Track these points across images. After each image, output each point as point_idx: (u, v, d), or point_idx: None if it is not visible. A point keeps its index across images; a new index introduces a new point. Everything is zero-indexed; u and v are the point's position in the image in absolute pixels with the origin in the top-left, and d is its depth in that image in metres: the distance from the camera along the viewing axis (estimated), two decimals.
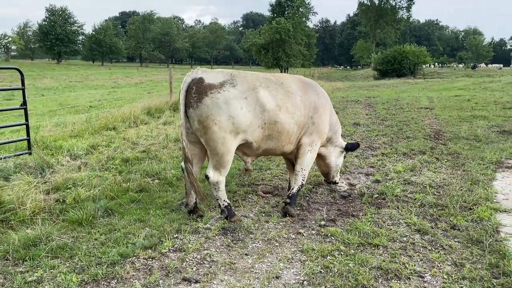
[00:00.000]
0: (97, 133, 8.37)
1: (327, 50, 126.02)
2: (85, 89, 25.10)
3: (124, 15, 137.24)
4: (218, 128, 3.89)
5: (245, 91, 4.03)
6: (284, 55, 56.35)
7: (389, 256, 3.50)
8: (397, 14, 78.32)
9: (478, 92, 20.06)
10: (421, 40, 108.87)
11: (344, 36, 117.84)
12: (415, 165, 6.42)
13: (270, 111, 4.13)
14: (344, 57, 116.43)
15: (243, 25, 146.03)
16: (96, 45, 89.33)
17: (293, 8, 63.18)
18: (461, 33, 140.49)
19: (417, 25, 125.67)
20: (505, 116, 11.52)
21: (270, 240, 3.86)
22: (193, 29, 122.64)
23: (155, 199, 4.90)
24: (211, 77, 3.99)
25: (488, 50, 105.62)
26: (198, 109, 3.88)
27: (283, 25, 54.27)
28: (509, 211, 4.49)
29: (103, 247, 3.66)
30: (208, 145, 4.03)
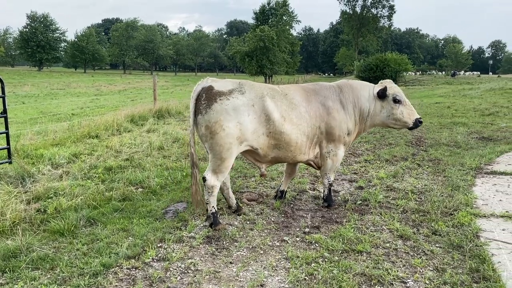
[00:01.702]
0: (79, 141, 8.27)
1: (311, 58, 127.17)
2: (67, 96, 24.78)
3: (107, 22, 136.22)
4: (225, 133, 4.01)
5: (252, 99, 4.16)
6: (268, 63, 56.60)
7: (372, 262, 3.54)
8: (379, 23, 79.67)
9: (457, 99, 20.49)
10: (402, 48, 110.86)
11: (327, 44, 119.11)
12: (397, 171, 6.51)
13: (275, 121, 4.23)
14: (328, 64, 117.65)
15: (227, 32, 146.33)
16: (78, 52, 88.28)
17: (276, 16, 63.61)
18: (441, 41, 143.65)
19: (398, 33, 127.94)
20: (484, 123, 11.80)
21: (254, 248, 3.86)
22: (177, 37, 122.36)
23: (138, 208, 4.86)
24: (220, 85, 4.13)
25: (467, 58, 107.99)
26: (207, 115, 4.01)
27: (267, 33, 54.58)
28: (488, 216, 4.59)
29: (85, 258, 3.61)
30: (212, 150, 4.11)
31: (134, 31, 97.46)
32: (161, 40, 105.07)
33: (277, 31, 57.68)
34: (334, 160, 4.79)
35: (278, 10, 63.89)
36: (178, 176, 6.17)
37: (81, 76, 60.17)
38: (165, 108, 12.74)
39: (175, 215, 4.66)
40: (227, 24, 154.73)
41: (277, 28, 59.63)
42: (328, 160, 4.78)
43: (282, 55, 59.12)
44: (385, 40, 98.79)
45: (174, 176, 6.14)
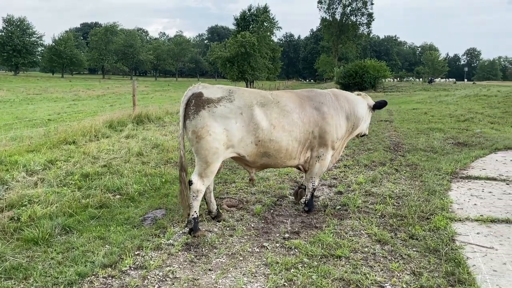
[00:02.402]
0: (56, 148, 8.09)
1: (292, 64, 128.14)
2: (43, 101, 24.27)
3: (86, 26, 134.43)
4: (212, 138, 4.09)
5: (241, 107, 4.21)
6: (249, 68, 56.72)
7: (351, 267, 3.56)
8: (358, 30, 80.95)
9: (434, 106, 20.94)
10: (381, 55, 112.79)
11: (307, 50, 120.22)
12: (375, 176, 6.60)
13: (264, 130, 4.29)
14: (308, 70, 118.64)
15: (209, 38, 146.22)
16: (56, 56, 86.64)
17: (257, 23, 63.87)
18: (418, 48, 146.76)
19: (377, 40, 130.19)
20: (459, 129, 12.08)
21: (234, 255, 3.84)
22: (158, 41, 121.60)
23: (116, 215, 4.77)
24: (210, 92, 4.20)
25: (443, 65, 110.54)
26: (194, 120, 4.09)
27: (248, 38, 54.73)
28: (463, 220, 4.68)
29: (60, 267, 3.52)
30: (198, 154, 4.17)
31: (114, 35, 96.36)
32: (141, 45, 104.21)
33: (258, 37, 57.90)
34: (322, 164, 4.90)
35: (259, 16, 64.16)
36: (157, 182, 6.10)
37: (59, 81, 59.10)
38: (144, 114, 12.60)
39: (154, 222, 4.60)
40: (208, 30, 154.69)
41: (258, 34, 59.86)
42: (317, 164, 4.88)
43: (263, 61, 59.33)
44: (364, 47, 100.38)
45: (153, 183, 6.07)
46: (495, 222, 4.62)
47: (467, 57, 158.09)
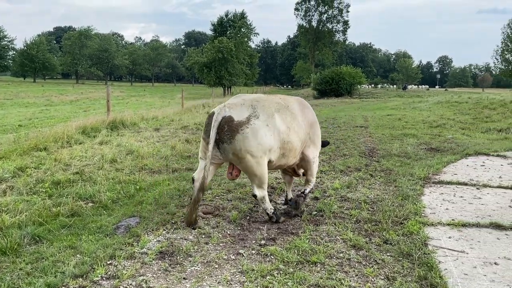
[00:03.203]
0: (26, 154, 7.86)
1: (269, 70, 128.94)
2: (14, 107, 23.59)
3: (59, 30, 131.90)
4: (251, 156, 4.40)
5: (266, 120, 4.52)
6: (226, 74, 56.78)
7: (326, 273, 3.57)
8: (334, 37, 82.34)
9: (408, 112, 21.39)
10: (357, 62, 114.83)
11: (285, 56, 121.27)
12: (351, 181, 6.66)
13: (283, 133, 4.67)
14: (286, 76, 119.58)
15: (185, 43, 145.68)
16: (27, 60, 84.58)
17: (235, 28, 64.07)
18: (393, 56, 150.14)
19: (353, 47, 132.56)
20: (432, 134, 12.36)
21: (209, 263, 3.79)
22: (133, 46, 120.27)
23: (88, 224, 4.65)
24: (238, 114, 4.42)
25: (416, 72, 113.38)
26: (232, 145, 4.35)
27: (225, 44, 54.83)
28: (435, 224, 4.77)
29: (29, 278, 3.40)
30: (247, 171, 4.55)
31: (88, 40, 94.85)
32: (116, 49, 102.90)
33: (235, 43, 58.08)
34: (316, 163, 5.35)
35: (236, 22, 64.38)
36: (131, 189, 5.99)
37: (31, 86, 57.65)
38: (119, 119, 12.40)
39: (127, 230, 4.50)
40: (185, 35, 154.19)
41: (235, 39, 60.04)
42: (314, 165, 5.25)
43: (240, 66, 59.54)
44: (340, 54, 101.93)
45: (127, 190, 5.96)
46: (466, 226, 4.73)
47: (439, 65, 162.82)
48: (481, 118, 16.92)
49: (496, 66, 63.53)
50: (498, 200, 5.73)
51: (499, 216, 5.06)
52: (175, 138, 10.53)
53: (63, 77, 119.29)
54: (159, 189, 6.07)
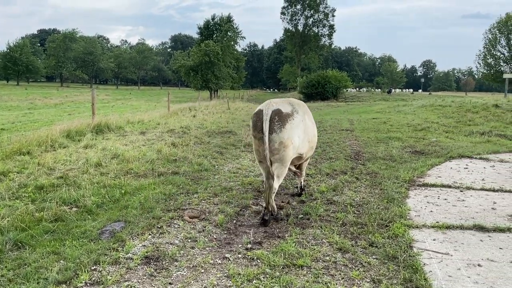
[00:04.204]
0: (8, 158, 7.70)
1: (256, 73, 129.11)
2: None
3: (44, 33, 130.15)
4: (292, 146, 4.89)
5: (302, 115, 5.16)
6: (213, 77, 56.61)
7: (312, 277, 3.57)
8: (320, 41, 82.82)
9: (393, 115, 21.63)
10: (342, 65, 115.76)
11: (271, 60, 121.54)
12: (337, 185, 6.70)
13: (311, 128, 5.43)
14: (272, 80, 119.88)
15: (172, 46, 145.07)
16: (11, 63, 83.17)
17: (221, 32, 64.00)
18: (378, 60, 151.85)
19: (338, 51, 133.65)
20: (417, 138, 12.52)
21: (195, 267, 3.77)
22: (119, 49, 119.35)
23: (72, 229, 4.58)
24: (284, 108, 4.93)
25: (401, 76, 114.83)
26: (282, 133, 4.77)
27: (212, 47, 54.69)
28: (420, 227, 4.82)
29: (10, 284, 3.33)
30: (281, 160, 4.87)
31: (73, 42, 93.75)
32: (102, 52, 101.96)
33: (222, 46, 57.98)
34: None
35: (222, 26, 64.32)
36: (116, 194, 5.92)
37: (14, 89, 56.72)
38: (104, 123, 12.25)
39: (112, 235, 4.44)
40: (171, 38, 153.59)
41: (222, 43, 59.95)
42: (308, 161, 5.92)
43: (227, 70, 59.42)
44: (326, 58, 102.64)
45: (111, 194, 5.88)
46: (450, 228, 4.79)
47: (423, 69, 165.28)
48: (464, 121, 17.19)
49: (479, 70, 64.63)
50: (481, 202, 5.82)
51: (482, 218, 5.14)
52: (161, 142, 10.45)
53: (47, 80, 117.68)
54: (145, 193, 6.01)
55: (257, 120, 4.84)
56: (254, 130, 4.87)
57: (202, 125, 15.37)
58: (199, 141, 11.26)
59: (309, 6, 79.40)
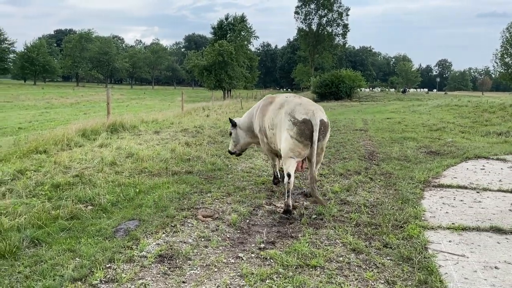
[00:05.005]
0: (26, 157, 7.84)
1: (269, 73, 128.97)
2: (14, 109, 23.62)
3: (60, 33, 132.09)
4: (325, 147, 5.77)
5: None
6: (226, 77, 56.82)
7: (326, 277, 3.56)
8: (334, 41, 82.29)
9: (408, 115, 21.41)
10: (356, 65, 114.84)
11: (284, 59, 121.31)
12: (350, 185, 6.65)
13: None
14: (285, 80, 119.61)
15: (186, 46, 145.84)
16: (28, 63, 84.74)
17: (234, 32, 64.18)
18: (392, 59, 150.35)
19: (352, 51, 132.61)
20: (432, 138, 12.36)
21: (209, 266, 3.78)
22: (134, 49, 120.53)
23: (87, 227, 4.64)
24: (324, 116, 5.48)
25: (416, 75, 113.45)
26: (324, 140, 5.49)
27: (225, 47, 54.87)
28: (436, 228, 4.76)
29: (27, 281, 3.39)
30: (319, 159, 5.73)
31: (88, 42, 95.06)
32: (117, 52, 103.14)
33: (235, 46, 58.14)
34: None
35: (236, 26, 64.50)
36: (131, 192, 5.98)
37: (31, 89, 57.71)
38: (119, 122, 12.38)
39: (126, 233, 4.49)
40: (185, 38, 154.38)
41: (235, 43, 60.11)
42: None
43: (240, 69, 59.59)
44: (340, 57, 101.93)
45: (126, 193, 5.94)
46: (466, 230, 4.72)
47: (439, 68, 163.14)
48: (481, 121, 16.92)
49: (496, 70, 63.49)
50: (498, 204, 5.72)
51: (499, 220, 5.05)
52: (175, 141, 10.52)
53: (63, 80, 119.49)
54: (159, 192, 6.06)
55: (305, 129, 5.25)
56: (301, 137, 5.26)
57: (216, 124, 15.42)
58: (212, 141, 11.31)
59: (323, 5, 78.96)
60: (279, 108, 5.75)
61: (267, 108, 6.11)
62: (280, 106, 5.77)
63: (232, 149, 7.20)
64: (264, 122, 6.15)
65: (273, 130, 5.85)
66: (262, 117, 6.21)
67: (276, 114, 5.75)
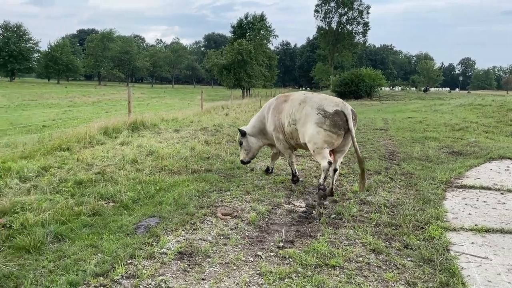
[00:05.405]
0: (50, 154, 8.03)
1: (288, 72, 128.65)
2: (38, 108, 24.20)
3: (83, 33, 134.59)
4: None
5: None
6: (245, 76, 56.91)
7: (345, 277, 3.54)
8: (354, 39, 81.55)
9: (429, 114, 21.05)
10: (377, 63, 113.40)
11: (304, 58, 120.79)
12: (370, 185, 6.59)
13: None
14: (304, 78, 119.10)
15: (205, 45, 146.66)
16: (52, 62, 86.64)
17: (254, 30, 64.20)
18: (414, 57, 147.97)
19: (373, 49, 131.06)
20: (454, 138, 12.12)
21: (228, 264, 3.81)
22: (154, 48, 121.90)
23: (109, 223, 4.73)
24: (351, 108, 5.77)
25: (438, 74, 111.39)
26: (353, 131, 5.65)
27: (244, 46, 54.96)
28: (458, 230, 4.67)
29: (51, 275, 3.47)
30: (347, 147, 6.07)
31: (110, 42, 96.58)
32: (138, 51, 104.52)
33: (254, 45, 58.18)
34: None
35: (255, 24, 64.51)
36: (151, 190, 6.06)
37: (54, 87, 59.01)
38: (140, 120, 12.55)
39: (147, 230, 4.55)
40: (205, 37, 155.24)
41: (254, 42, 60.15)
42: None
43: (259, 68, 59.60)
44: (360, 56, 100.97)
45: (147, 190, 6.02)
46: (489, 231, 4.62)
47: (461, 67, 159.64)
48: (506, 121, 16.50)
49: None
50: None
51: None
52: (195, 140, 10.61)
53: (85, 79, 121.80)
54: (179, 189, 6.12)
55: (338, 120, 5.58)
56: (334, 128, 5.60)
57: (235, 123, 15.48)
58: (231, 139, 11.35)
59: (343, 3, 78.31)
60: (300, 104, 6.03)
61: (282, 106, 6.37)
62: (301, 102, 6.05)
63: (244, 158, 7.28)
64: (281, 120, 6.33)
65: (295, 126, 6.05)
66: (278, 115, 6.42)
67: (298, 110, 6.00)
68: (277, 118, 6.48)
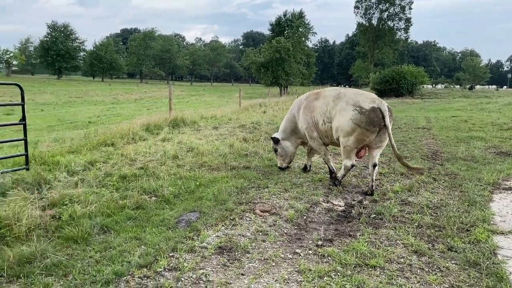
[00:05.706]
0: (95, 149, 8.36)
1: (326, 69, 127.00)
2: (84, 104, 25.20)
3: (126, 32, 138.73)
4: None
5: None
6: (283, 74, 56.71)
7: (386, 278, 3.48)
8: (395, 35, 79.38)
9: (475, 113, 20.21)
10: (419, 60, 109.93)
11: (343, 55, 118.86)
12: (412, 185, 6.42)
13: None
14: (343, 76, 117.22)
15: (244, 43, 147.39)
16: (96, 61, 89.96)
17: (292, 28, 63.85)
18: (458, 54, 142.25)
19: (415, 46, 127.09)
20: (502, 138, 11.58)
21: (266, 260, 3.83)
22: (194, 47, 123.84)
23: (151, 217, 4.87)
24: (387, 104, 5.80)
25: (485, 71, 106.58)
26: (389, 128, 5.65)
27: (283, 44, 54.77)
28: (506, 233, 4.48)
29: (97, 265, 3.62)
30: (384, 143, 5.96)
31: (152, 41, 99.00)
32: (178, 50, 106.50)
33: (293, 43, 57.88)
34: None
35: (294, 22, 64.14)
36: (192, 185, 6.18)
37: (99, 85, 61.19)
38: (180, 118, 12.83)
39: (188, 224, 4.66)
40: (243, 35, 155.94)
41: (293, 39, 59.84)
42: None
43: (297, 66, 59.22)
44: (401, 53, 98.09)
45: (187, 186, 6.16)
46: None
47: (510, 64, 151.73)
48: None
49: None
50: None
51: None
52: (233, 137, 10.72)
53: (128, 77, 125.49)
54: (218, 185, 6.22)
55: (374, 116, 5.55)
56: (369, 125, 5.58)
57: (272, 121, 15.49)
58: (269, 137, 11.37)
59: None
60: (334, 101, 5.96)
61: (314, 104, 6.35)
62: (334, 98, 6.04)
63: (281, 165, 7.33)
64: (314, 118, 6.33)
65: (330, 124, 6.05)
66: (310, 114, 6.43)
67: (332, 107, 5.93)
68: (309, 117, 6.44)
